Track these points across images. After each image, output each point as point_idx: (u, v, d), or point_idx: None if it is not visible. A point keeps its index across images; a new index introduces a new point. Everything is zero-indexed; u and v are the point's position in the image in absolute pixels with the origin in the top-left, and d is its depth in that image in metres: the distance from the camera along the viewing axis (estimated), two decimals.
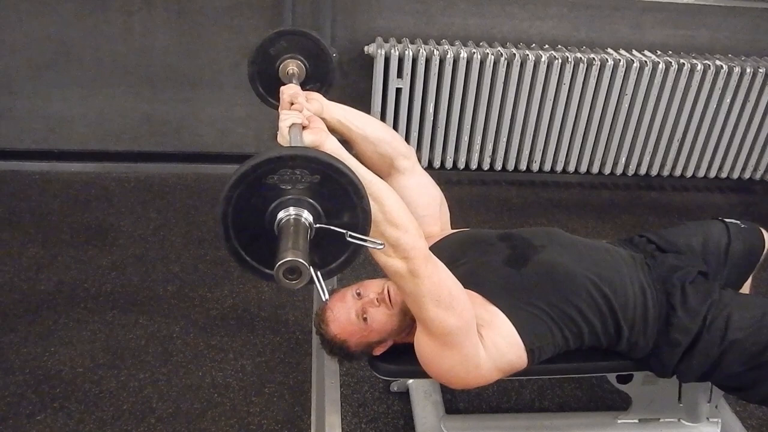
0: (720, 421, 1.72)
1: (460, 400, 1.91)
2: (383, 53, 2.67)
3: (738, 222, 1.61)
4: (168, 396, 1.84)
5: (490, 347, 1.26)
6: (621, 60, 2.77)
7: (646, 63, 2.78)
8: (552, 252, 1.40)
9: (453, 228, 1.59)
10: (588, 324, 1.35)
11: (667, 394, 1.64)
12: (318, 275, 0.87)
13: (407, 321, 1.32)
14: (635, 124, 2.93)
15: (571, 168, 3.03)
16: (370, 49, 2.70)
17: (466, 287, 1.25)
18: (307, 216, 0.85)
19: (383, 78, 2.72)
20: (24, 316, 2.08)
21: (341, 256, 0.91)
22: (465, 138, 2.89)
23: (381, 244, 0.90)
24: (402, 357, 1.38)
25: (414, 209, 1.42)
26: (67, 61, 2.73)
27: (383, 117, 2.80)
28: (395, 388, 1.90)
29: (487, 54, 2.70)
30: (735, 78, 2.84)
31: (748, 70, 2.83)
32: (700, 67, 2.80)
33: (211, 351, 2.01)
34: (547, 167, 3.01)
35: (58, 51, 2.71)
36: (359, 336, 1.35)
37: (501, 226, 2.77)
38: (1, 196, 2.70)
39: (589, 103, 2.86)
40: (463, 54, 2.69)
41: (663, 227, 1.64)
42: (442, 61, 2.69)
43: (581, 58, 2.75)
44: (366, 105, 2.81)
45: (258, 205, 0.86)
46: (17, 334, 2.00)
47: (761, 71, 2.84)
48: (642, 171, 3.07)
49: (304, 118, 1.16)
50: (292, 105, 1.26)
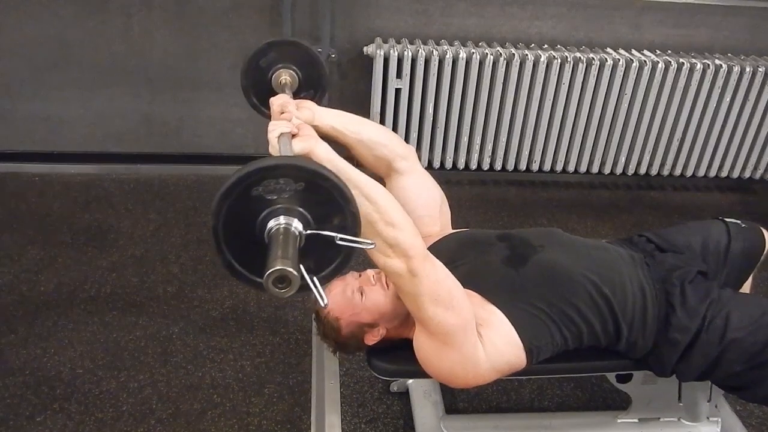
0: (720, 420, 1.72)
1: (459, 400, 1.91)
2: (382, 54, 2.67)
3: (738, 221, 1.60)
4: (167, 397, 1.84)
5: (488, 346, 1.26)
6: (620, 59, 2.77)
7: (645, 62, 2.78)
8: (551, 252, 1.40)
9: (453, 228, 1.59)
10: (587, 324, 1.35)
11: (667, 393, 1.63)
12: (315, 281, 0.87)
13: (400, 309, 1.31)
14: (635, 123, 2.93)
15: (571, 168, 3.03)
16: (369, 50, 2.70)
17: (465, 287, 1.25)
18: (296, 224, 0.85)
19: (382, 78, 2.72)
20: (24, 317, 2.08)
21: (335, 260, 0.92)
22: (464, 138, 2.89)
23: (371, 243, 0.90)
24: (401, 357, 1.38)
25: (413, 209, 1.43)
26: (67, 63, 2.74)
27: (383, 117, 2.80)
28: (395, 388, 1.90)
29: (487, 54, 2.70)
30: (734, 77, 2.84)
31: (747, 69, 2.83)
32: (699, 67, 2.80)
33: (211, 352, 2.01)
34: (547, 167, 3.01)
35: (57, 53, 2.71)
36: (351, 313, 1.35)
37: (501, 226, 2.77)
38: (1, 197, 2.70)
39: (589, 103, 2.86)
40: (463, 54, 2.69)
41: (663, 227, 1.64)
42: (441, 62, 2.69)
43: (580, 57, 2.75)
44: (365, 105, 2.82)
45: (247, 217, 0.86)
46: (17, 335, 2.00)
47: (761, 70, 2.83)
48: (642, 170, 3.07)
49: (293, 126, 1.16)
50: (282, 114, 1.26)
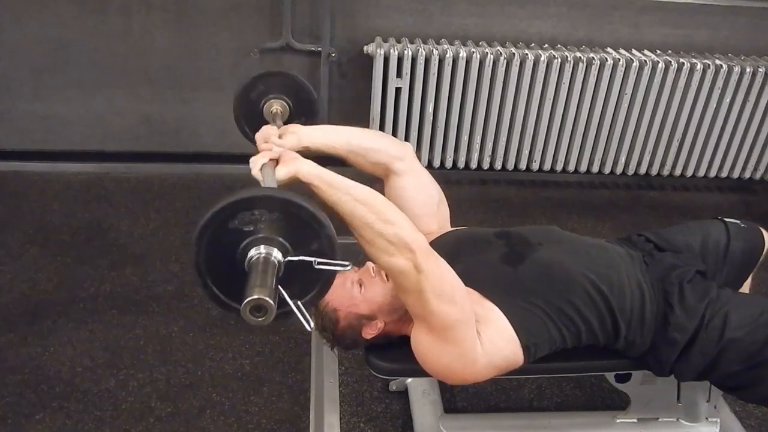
0: (719, 421, 1.72)
1: (458, 399, 1.91)
2: (382, 53, 2.67)
3: (738, 222, 1.60)
4: (167, 395, 1.85)
5: (486, 343, 1.26)
6: (620, 59, 2.76)
7: (645, 62, 2.78)
8: (549, 250, 1.40)
9: (451, 226, 1.59)
10: (585, 322, 1.35)
11: (666, 393, 1.63)
12: (299, 305, 0.90)
13: (399, 302, 1.31)
14: (635, 123, 2.93)
15: (571, 167, 3.02)
16: (369, 49, 2.70)
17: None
18: (275, 252, 0.87)
19: (382, 77, 2.72)
20: (23, 315, 2.08)
21: (318, 283, 0.94)
22: (464, 137, 2.89)
23: (347, 265, 0.92)
24: (400, 355, 1.38)
25: (410, 208, 1.45)
26: (67, 63, 2.74)
27: (383, 116, 2.81)
28: (394, 387, 1.90)
29: (487, 53, 2.70)
30: (735, 77, 2.83)
31: (747, 69, 2.83)
32: (699, 67, 2.80)
33: (210, 350, 2.01)
34: (547, 166, 3.01)
35: (57, 52, 2.72)
36: (349, 304, 1.35)
37: (500, 225, 2.75)
38: (1, 196, 2.70)
39: (589, 103, 2.86)
40: (463, 53, 2.69)
41: (662, 227, 1.64)
42: (441, 61, 2.69)
43: (580, 57, 2.75)
44: (365, 104, 2.82)
45: (227, 249, 0.89)
46: (16, 333, 2.01)
47: (761, 71, 2.83)
48: (642, 170, 3.07)
49: (275, 154, 1.18)
50: (263, 145, 1.28)
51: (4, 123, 2.83)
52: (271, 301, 0.81)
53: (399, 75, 2.71)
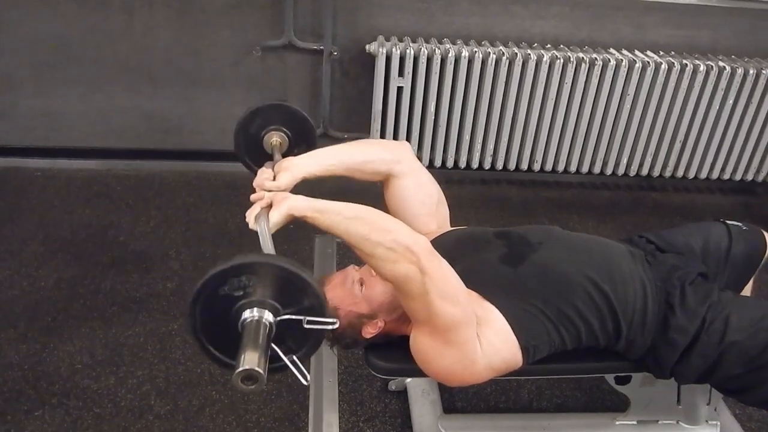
0: (719, 424, 1.71)
1: (457, 399, 1.90)
2: (384, 52, 2.66)
3: (740, 224, 1.60)
4: (166, 393, 1.85)
5: (485, 344, 1.26)
6: (623, 60, 2.76)
7: (648, 63, 2.77)
8: (549, 250, 1.40)
9: (452, 226, 1.59)
10: (585, 323, 1.34)
11: (666, 395, 1.63)
12: (295, 360, 0.93)
13: (399, 302, 1.30)
14: (637, 124, 2.92)
15: (572, 168, 3.02)
16: (371, 48, 2.69)
17: None
18: (266, 315, 0.90)
19: (384, 77, 2.72)
20: (23, 312, 2.08)
21: (310, 338, 0.96)
22: (466, 137, 2.89)
23: (334, 322, 0.94)
24: (399, 355, 1.37)
25: (409, 208, 1.45)
26: (69, 59, 2.74)
27: (384, 116, 2.80)
28: (393, 386, 1.90)
29: (489, 53, 2.70)
30: (737, 79, 2.83)
31: (750, 71, 2.82)
32: (702, 68, 2.79)
33: None
34: (548, 167, 3.01)
35: (59, 49, 2.71)
36: (350, 303, 1.34)
37: (501, 225, 2.72)
38: (2, 193, 2.70)
39: (591, 103, 2.85)
40: (465, 53, 2.68)
41: (664, 228, 1.64)
42: (443, 60, 2.69)
43: (583, 57, 2.75)
44: (367, 104, 2.81)
45: (221, 314, 0.92)
46: (16, 330, 2.01)
47: (764, 72, 2.82)
48: (643, 172, 3.06)
49: (265, 201, 1.21)
50: (255, 194, 1.29)
51: (5, 119, 2.83)
52: (261, 370, 0.84)
53: (401, 74, 2.71)
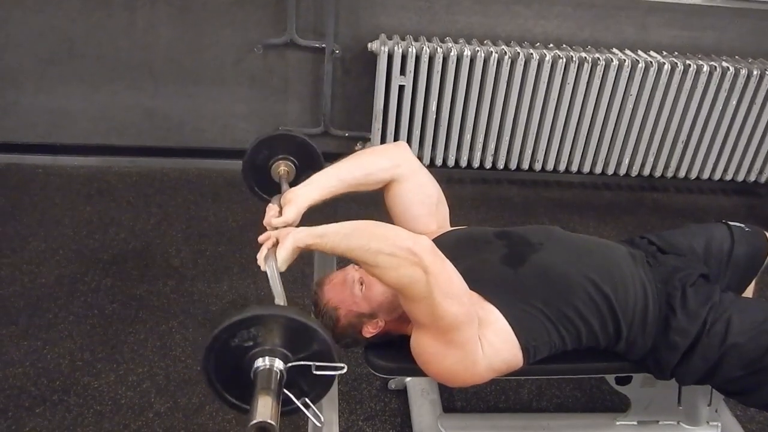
0: (720, 425, 1.71)
1: (457, 398, 1.90)
2: (386, 50, 2.66)
3: (742, 225, 1.59)
4: (166, 391, 1.85)
5: (486, 345, 1.26)
6: (626, 60, 2.75)
7: (651, 63, 2.77)
8: (550, 251, 1.40)
9: (452, 226, 1.58)
10: (586, 324, 1.34)
11: (667, 396, 1.63)
12: (307, 403, 0.97)
13: (399, 301, 1.30)
14: (639, 124, 2.91)
15: (574, 168, 3.01)
16: (373, 46, 2.69)
17: None
18: (276, 363, 0.94)
19: (386, 75, 2.71)
20: (24, 308, 2.08)
21: (320, 382, 0.99)
22: (467, 136, 2.88)
23: (342, 367, 0.97)
24: (399, 354, 1.37)
25: (408, 209, 1.46)
26: (71, 56, 2.74)
27: (385, 114, 2.80)
28: (393, 386, 1.90)
29: (491, 52, 2.69)
30: (741, 80, 2.82)
31: (754, 72, 2.81)
32: (705, 69, 2.78)
33: None
34: (550, 167, 3.00)
35: (61, 46, 2.71)
36: (350, 302, 1.34)
37: (502, 225, 2.74)
38: (4, 189, 2.71)
39: (593, 103, 2.84)
40: (467, 52, 2.68)
41: (665, 229, 1.63)
42: (445, 59, 2.68)
43: (585, 57, 2.74)
44: (368, 102, 2.81)
45: (234, 365, 0.96)
46: (17, 326, 2.01)
47: (767, 73, 2.82)
48: (645, 172, 3.06)
49: (272, 239, 1.24)
50: (262, 236, 1.31)
51: (8, 116, 2.83)
52: (273, 422, 0.86)
53: (402, 73, 2.71)
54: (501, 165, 2.98)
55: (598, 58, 2.74)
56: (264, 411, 0.87)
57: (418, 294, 1.16)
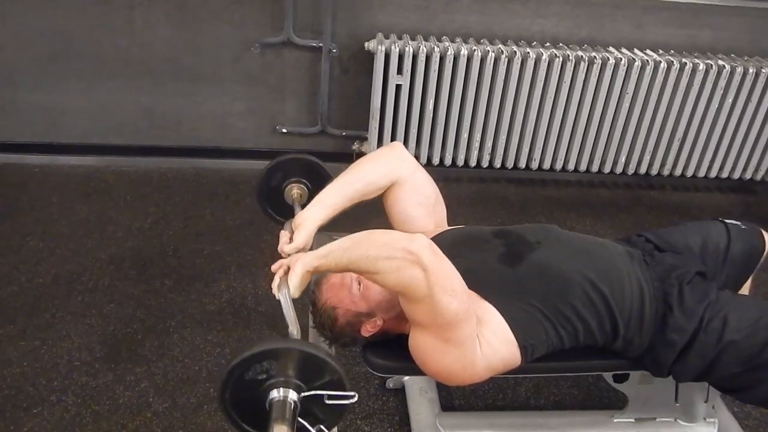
0: (717, 422, 1.72)
1: (455, 397, 1.91)
2: (384, 49, 2.66)
3: (738, 223, 1.60)
4: (164, 390, 1.85)
5: (484, 344, 1.26)
6: (623, 59, 2.76)
7: (647, 62, 2.77)
8: (547, 249, 1.40)
9: (449, 225, 1.59)
10: (583, 322, 1.35)
11: (664, 393, 1.64)
12: (323, 429, 1.03)
13: (397, 300, 1.31)
14: (636, 123, 2.92)
15: (571, 166, 3.02)
16: (370, 45, 2.69)
17: None
18: (291, 394, 0.98)
19: (383, 74, 2.71)
20: (22, 308, 2.08)
21: (334, 410, 1.03)
22: (464, 135, 2.88)
23: (353, 395, 1.01)
24: (397, 353, 1.37)
25: (405, 209, 1.47)
26: (69, 55, 2.73)
27: (383, 113, 2.80)
28: (391, 385, 1.90)
29: (488, 51, 2.70)
30: (737, 78, 2.83)
31: (750, 70, 2.82)
32: (702, 67, 2.79)
33: (208, 345, 2.01)
34: (547, 165, 3.01)
35: (59, 44, 2.71)
36: (348, 302, 1.35)
37: (499, 223, 2.77)
38: (1, 188, 2.70)
39: (590, 102, 2.85)
40: (464, 51, 2.68)
41: (662, 227, 1.64)
42: (442, 58, 2.69)
43: (582, 56, 2.74)
44: (365, 101, 2.81)
45: (250, 397, 1.00)
46: (15, 326, 2.01)
47: (764, 71, 2.83)
48: (642, 170, 3.06)
49: (284, 268, 1.28)
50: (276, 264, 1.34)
51: (5, 114, 2.82)
52: None
53: (400, 72, 2.71)
54: (498, 164, 2.98)
55: (595, 56, 2.75)
56: None
57: (419, 293, 1.17)
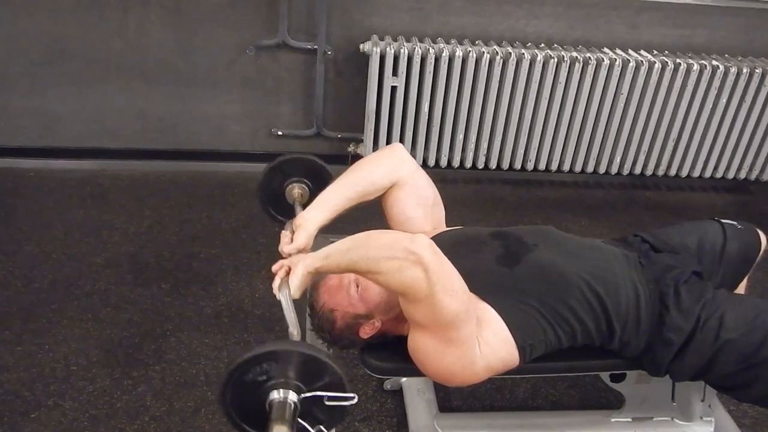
0: (713, 420, 1.72)
1: (453, 398, 1.91)
2: (379, 51, 2.66)
3: (734, 223, 1.60)
4: (162, 394, 1.84)
5: (483, 345, 1.26)
6: (617, 59, 2.77)
7: (642, 62, 2.78)
8: (545, 251, 1.40)
9: (446, 227, 1.59)
10: (580, 323, 1.35)
11: (661, 393, 1.64)
12: (322, 430, 1.02)
13: (396, 300, 1.31)
14: (630, 123, 2.93)
15: (566, 167, 3.03)
16: (365, 47, 2.69)
17: None
18: (291, 395, 0.98)
19: (378, 76, 2.72)
20: (18, 313, 2.07)
21: (333, 411, 1.03)
22: (460, 136, 2.89)
23: (353, 397, 1.01)
24: (395, 354, 1.38)
25: (404, 210, 1.47)
26: (63, 58, 2.72)
27: (378, 115, 2.80)
28: (388, 386, 1.90)
29: (483, 52, 2.70)
30: (731, 78, 2.84)
31: (744, 70, 2.83)
32: (696, 67, 2.80)
33: (205, 349, 2.00)
34: (542, 166, 3.01)
35: (53, 48, 2.70)
36: (347, 304, 1.35)
37: (495, 224, 2.77)
38: None
39: (585, 103, 2.86)
40: (459, 52, 2.68)
41: (658, 227, 1.64)
42: (437, 60, 2.69)
43: (577, 57, 2.75)
44: (361, 103, 2.82)
45: (251, 398, 1.00)
46: (11, 331, 2.00)
47: (757, 71, 2.84)
48: (637, 170, 3.08)
49: (285, 269, 1.28)
50: (277, 264, 1.33)
51: None
52: None
53: (395, 73, 2.71)
54: (494, 165, 2.99)
55: (589, 57, 2.76)
56: None
57: (420, 293, 1.17)
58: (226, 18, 2.71)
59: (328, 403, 1.01)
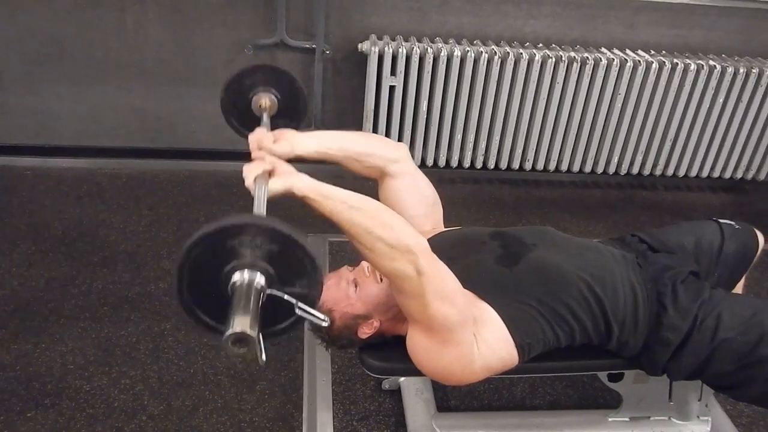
0: (710, 420, 1.73)
1: (451, 397, 1.91)
2: (377, 51, 2.66)
3: (732, 223, 1.61)
4: (159, 393, 1.84)
5: (481, 343, 1.27)
6: (614, 59, 2.77)
7: (639, 62, 2.79)
8: (544, 251, 1.41)
9: (445, 226, 1.59)
10: (579, 322, 1.35)
11: (658, 392, 1.64)
12: (259, 336, 0.83)
13: (394, 300, 1.31)
14: (628, 123, 2.94)
15: (564, 167, 3.03)
16: (363, 47, 2.69)
17: None
18: (261, 280, 0.86)
19: (377, 75, 2.72)
20: (14, 313, 2.06)
21: (285, 321, 0.91)
22: (458, 136, 2.89)
23: (325, 320, 0.90)
24: (393, 354, 1.38)
25: (403, 209, 1.46)
26: (60, 57, 2.72)
27: (376, 114, 2.80)
28: (387, 386, 1.90)
29: (481, 52, 2.70)
30: (728, 78, 2.85)
31: (741, 70, 2.84)
32: (693, 67, 2.81)
33: (203, 348, 2.00)
34: (540, 166, 3.02)
35: (50, 46, 2.70)
36: (345, 305, 1.35)
37: (493, 224, 2.78)
38: None
39: (582, 102, 2.86)
40: (457, 52, 2.68)
41: (655, 227, 1.64)
42: (435, 59, 2.69)
43: (575, 57, 2.76)
44: (359, 102, 2.81)
45: (215, 265, 0.86)
46: (7, 331, 1.99)
47: (754, 71, 2.85)
48: (634, 170, 3.08)
49: (268, 165, 1.16)
50: (257, 152, 1.24)
51: None
52: (251, 333, 0.79)
53: (393, 73, 2.71)
54: (492, 165, 2.99)
55: (587, 57, 2.76)
56: (242, 321, 0.79)
57: (409, 290, 1.17)
58: (224, 17, 2.70)
59: (299, 313, 0.89)
